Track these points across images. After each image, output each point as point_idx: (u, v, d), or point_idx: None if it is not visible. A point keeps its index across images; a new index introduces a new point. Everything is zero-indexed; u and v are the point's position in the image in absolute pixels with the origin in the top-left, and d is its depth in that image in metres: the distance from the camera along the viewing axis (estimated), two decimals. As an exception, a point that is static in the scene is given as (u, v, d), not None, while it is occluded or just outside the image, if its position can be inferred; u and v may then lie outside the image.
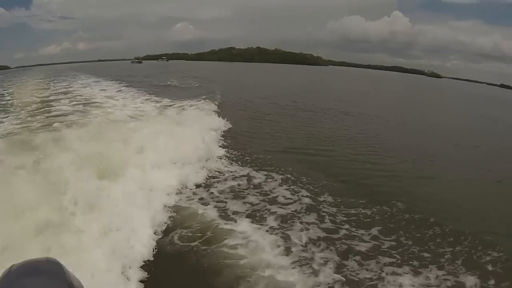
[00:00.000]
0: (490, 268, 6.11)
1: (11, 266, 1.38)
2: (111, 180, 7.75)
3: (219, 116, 16.02)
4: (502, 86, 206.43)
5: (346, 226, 7.38)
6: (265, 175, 9.98)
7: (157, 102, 20.27)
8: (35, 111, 16.43)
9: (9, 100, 21.64)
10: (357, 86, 56.97)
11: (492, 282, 5.72)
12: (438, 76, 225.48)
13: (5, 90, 28.25)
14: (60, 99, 20.53)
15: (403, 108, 32.27)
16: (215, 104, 19.60)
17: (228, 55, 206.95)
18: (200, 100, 20.43)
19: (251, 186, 9.21)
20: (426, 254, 6.42)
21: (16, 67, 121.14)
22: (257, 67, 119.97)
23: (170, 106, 18.73)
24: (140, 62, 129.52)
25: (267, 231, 6.96)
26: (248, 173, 10.07)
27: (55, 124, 12.46)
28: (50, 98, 21.21)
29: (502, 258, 6.36)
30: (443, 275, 5.83)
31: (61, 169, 7.30)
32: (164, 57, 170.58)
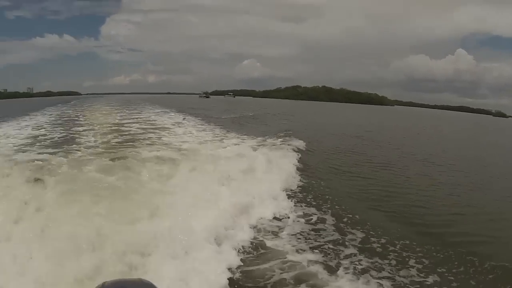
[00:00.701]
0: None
1: (104, 282, 1.45)
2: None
3: (294, 152, 14.89)
4: None
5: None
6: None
7: (221, 134, 19.48)
8: (107, 132, 17.48)
9: (84, 121, 23.55)
10: (422, 125, 55.43)
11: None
12: (503, 115, 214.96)
13: (80, 113, 31.01)
14: (130, 123, 21.67)
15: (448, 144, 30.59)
16: (283, 139, 17.73)
17: (294, 93, 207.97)
18: (270, 137, 18.78)
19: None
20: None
21: (86, 94, 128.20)
22: (323, 106, 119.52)
23: (236, 139, 17.55)
24: (207, 97, 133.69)
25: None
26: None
27: (126, 144, 13.44)
28: (121, 122, 22.41)
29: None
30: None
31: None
32: (231, 93, 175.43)
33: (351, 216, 8.71)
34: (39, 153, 11.83)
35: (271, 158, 12.51)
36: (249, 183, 9.75)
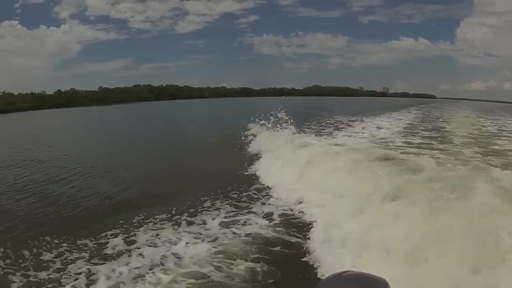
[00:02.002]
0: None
1: (347, 271, 1.53)
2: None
3: None
4: None
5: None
6: None
7: None
8: (472, 132, 19.19)
9: (447, 120, 26.65)
10: None
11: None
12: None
13: (440, 113, 34.90)
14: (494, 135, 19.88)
15: None
16: None
17: None
18: None
19: None
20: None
21: (441, 98, 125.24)
22: None
23: None
24: None
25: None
26: None
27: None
28: (483, 133, 20.66)
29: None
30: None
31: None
32: None
33: None
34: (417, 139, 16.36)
35: None
36: None
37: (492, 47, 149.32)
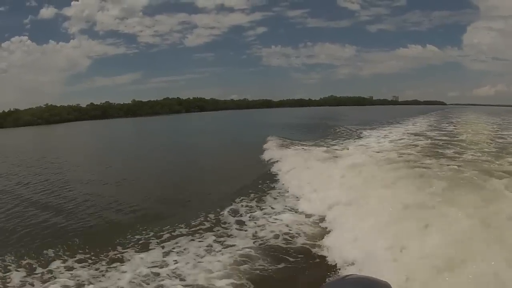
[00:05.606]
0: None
1: (349, 275, 1.55)
2: None
3: None
4: None
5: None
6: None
7: None
8: (482, 136, 19.00)
9: (458, 125, 27.53)
10: None
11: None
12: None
13: (451, 119, 35.55)
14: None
15: None
16: None
17: None
18: None
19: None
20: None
21: (451, 104, 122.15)
22: None
23: None
24: None
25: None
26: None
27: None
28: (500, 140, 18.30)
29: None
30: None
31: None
32: None
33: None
34: (425, 144, 16.39)
35: None
36: None
37: (500, 51, 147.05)
